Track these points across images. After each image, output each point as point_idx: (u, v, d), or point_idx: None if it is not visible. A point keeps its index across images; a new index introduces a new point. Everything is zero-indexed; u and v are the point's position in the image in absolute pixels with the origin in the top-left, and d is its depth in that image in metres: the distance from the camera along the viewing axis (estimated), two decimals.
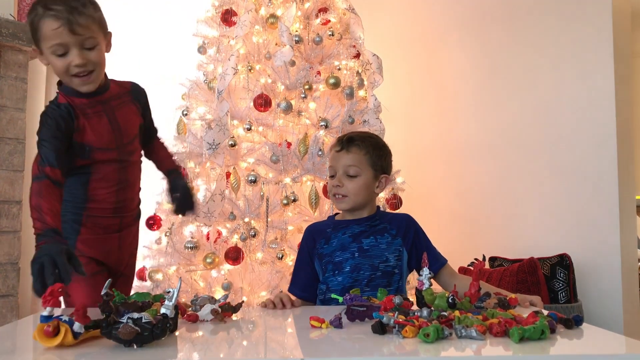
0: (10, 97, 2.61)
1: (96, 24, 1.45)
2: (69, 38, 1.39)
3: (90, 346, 1.00)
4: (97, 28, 1.45)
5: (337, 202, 1.68)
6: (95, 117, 1.52)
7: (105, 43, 1.52)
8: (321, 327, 1.14)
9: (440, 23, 3.48)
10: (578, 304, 2.59)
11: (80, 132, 1.49)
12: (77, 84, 1.47)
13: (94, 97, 1.53)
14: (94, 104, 1.53)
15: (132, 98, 1.65)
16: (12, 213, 2.60)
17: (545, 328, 1.04)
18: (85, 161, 1.52)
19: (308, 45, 2.69)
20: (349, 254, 1.64)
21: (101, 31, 1.48)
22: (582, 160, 2.80)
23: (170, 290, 1.06)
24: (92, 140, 1.51)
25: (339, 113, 2.58)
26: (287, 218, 2.47)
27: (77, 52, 1.42)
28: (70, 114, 1.48)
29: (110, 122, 1.55)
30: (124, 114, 1.59)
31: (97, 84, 1.51)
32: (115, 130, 1.56)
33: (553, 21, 2.94)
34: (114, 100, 1.58)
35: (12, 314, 2.55)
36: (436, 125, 3.46)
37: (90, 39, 1.43)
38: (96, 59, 1.46)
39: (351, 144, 1.67)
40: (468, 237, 3.22)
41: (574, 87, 2.85)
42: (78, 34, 1.40)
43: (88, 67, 1.45)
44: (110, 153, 1.55)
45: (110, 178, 1.56)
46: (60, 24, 1.37)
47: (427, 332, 1.01)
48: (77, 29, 1.39)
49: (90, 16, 1.42)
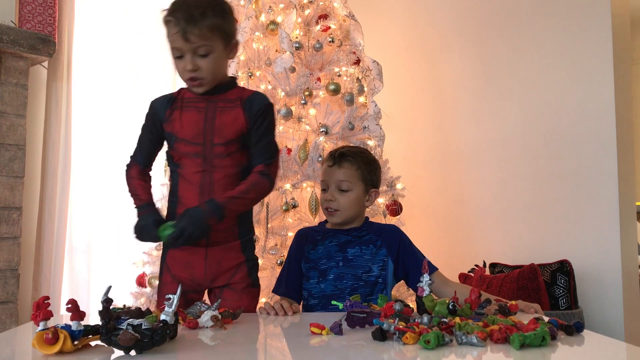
0: (10, 104, 2.62)
1: (214, 32, 1.49)
2: (183, 44, 1.47)
3: (90, 353, 0.99)
4: (215, 36, 1.49)
5: (329, 215, 1.73)
6: (193, 111, 1.57)
7: (226, 50, 1.55)
8: (321, 334, 1.14)
9: (440, 30, 3.49)
10: (579, 310, 2.59)
11: (171, 122, 1.57)
12: (190, 86, 1.57)
13: (205, 94, 1.57)
14: (200, 100, 1.57)
15: (242, 104, 1.57)
16: (12, 219, 2.60)
17: (546, 334, 1.04)
18: (172, 152, 1.60)
19: (308, 52, 2.69)
20: (334, 263, 1.69)
21: (221, 39, 1.51)
22: (582, 166, 2.80)
23: (170, 297, 1.06)
24: (177, 130, 1.56)
25: (339, 119, 2.58)
26: (287, 224, 2.47)
27: (189, 58, 1.49)
28: (166, 104, 1.59)
29: (206, 119, 1.55)
30: (225, 116, 1.56)
31: (210, 86, 1.56)
32: (208, 128, 1.55)
33: (552, 28, 2.95)
34: (223, 102, 1.58)
35: (11, 320, 2.54)
36: (436, 131, 3.46)
37: (203, 46, 1.48)
38: (208, 66, 1.50)
39: (343, 159, 1.71)
40: (468, 243, 3.22)
41: (574, 94, 2.86)
42: (191, 42, 1.46)
43: (198, 74, 1.50)
44: (195, 147, 1.54)
45: (194, 179, 1.55)
46: (176, 30, 1.46)
47: (427, 339, 1.01)
48: (190, 38, 1.45)
49: (206, 25, 1.46)
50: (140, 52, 3.21)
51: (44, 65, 2.85)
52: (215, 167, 1.54)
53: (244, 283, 1.60)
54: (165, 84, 3.27)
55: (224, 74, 1.60)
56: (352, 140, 2.60)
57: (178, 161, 1.58)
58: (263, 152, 1.58)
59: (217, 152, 1.54)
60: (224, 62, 1.58)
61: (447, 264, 2.86)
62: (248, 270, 1.62)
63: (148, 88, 3.21)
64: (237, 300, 1.55)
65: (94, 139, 3.05)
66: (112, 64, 3.13)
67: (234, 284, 1.59)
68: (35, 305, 1.01)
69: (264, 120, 1.58)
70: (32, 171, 2.79)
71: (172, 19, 1.46)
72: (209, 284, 1.59)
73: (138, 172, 1.63)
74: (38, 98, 2.87)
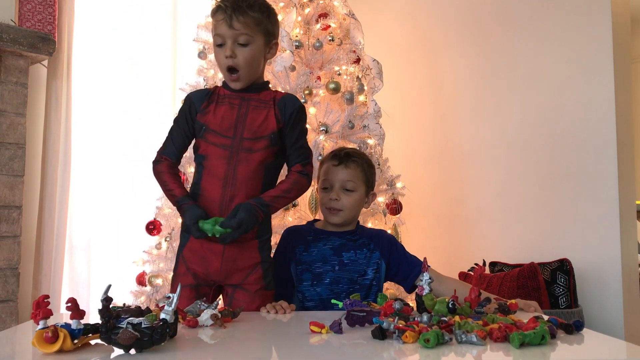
0: (10, 102, 2.61)
1: (258, 26, 1.56)
2: (226, 30, 1.54)
3: (89, 352, 0.99)
4: (257, 30, 1.56)
5: (330, 215, 1.72)
6: (227, 106, 1.61)
7: (265, 48, 1.61)
8: (321, 333, 1.14)
9: (440, 28, 3.49)
10: (578, 309, 2.59)
11: (204, 114, 1.60)
12: (228, 79, 1.61)
13: (240, 92, 1.62)
14: (235, 97, 1.62)
15: (275, 104, 1.63)
16: (12, 218, 2.60)
17: (546, 333, 1.04)
18: (200, 142, 1.61)
19: (308, 51, 2.69)
20: (330, 267, 1.69)
21: (262, 35, 1.58)
22: (582, 165, 2.80)
23: (170, 296, 1.06)
24: (209, 121, 1.59)
25: (339, 118, 2.58)
26: (288, 223, 2.46)
27: (230, 44, 1.55)
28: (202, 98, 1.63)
29: (239, 115, 1.60)
30: (257, 114, 1.61)
31: (246, 82, 1.61)
32: (240, 122, 1.59)
33: (553, 27, 2.95)
34: (256, 102, 1.63)
35: (11, 319, 2.55)
36: (436, 130, 3.46)
37: (244, 35, 1.54)
38: (245, 55, 1.56)
39: (349, 159, 1.73)
40: (468, 242, 3.22)
41: (574, 92, 2.86)
42: (234, 28, 1.53)
43: (235, 62, 1.56)
44: (225, 139, 1.57)
45: (217, 170, 1.57)
46: (223, 16, 1.54)
47: (427, 338, 1.01)
48: (234, 24, 1.53)
49: (252, 16, 1.54)
50: (140, 51, 3.21)
51: (43, 64, 2.85)
52: (241, 161, 1.57)
53: (257, 285, 1.60)
54: (165, 83, 3.27)
55: (260, 74, 1.66)
56: (352, 139, 2.60)
57: (204, 152, 1.60)
58: (301, 153, 1.65)
59: (245, 146, 1.58)
60: (262, 59, 1.63)
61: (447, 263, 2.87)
62: (263, 273, 1.61)
63: (148, 87, 3.21)
64: (249, 302, 1.56)
65: (94, 138, 3.05)
66: (112, 63, 3.12)
67: (248, 284, 1.59)
68: (35, 304, 1.01)
69: (298, 121, 1.64)
70: (32, 170, 2.79)
71: (221, 6, 1.55)
72: (223, 280, 1.59)
73: (168, 166, 1.63)
74: (38, 97, 2.87)
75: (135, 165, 3.07)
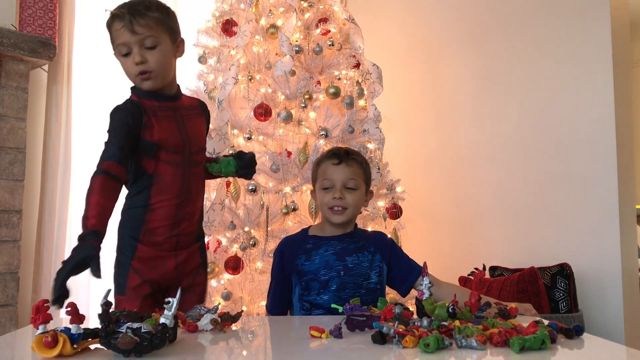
0: (11, 107, 2.62)
1: (160, 25, 1.50)
2: (129, 37, 1.48)
3: (89, 356, 0.99)
4: (161, 30, 1.51)
5: (334, 214, 1.70)
6: (165, 120, 1.54)
7: (173, 47, 1.56)
8: (321, 337, 1.14)
9: (439, 33, 3.50)
10: (579, 313, 2.58)
11: (149, 130, 1.50)
12: (139, 82, 1.53)
13: (165, 101, 1.56)
14: (165, 109, 1.55)
15: (201, 111, 1.67)
16: (12, 222, 2.60)
17: (546, 338, 1.04)
18: (151, 162, 1.51)
19: (308, 55, 2.70)
20: (335, 273, 1.68)
21: (167, 34, 1.53)
22: (582, 169, 2.80)
23: (170, 300, 1.06)
24: (159, 138, 1.51)
25: (339, 122, 2.58)
26: (287, 227, 2.46)
27: (137, 50, 1.49)
28: (140, 110, 1.50)
29: (179, 128, 1.56)
30: (193, 124, 1.60)
31: (159, 83, 1.54)
32: (184, 136, 1.56)
33: (552, 31, 2.96)
34: (185, 110, 1.60)
35: (11, 323, 2.54)
36: (436, 134, 3.46)
37: (150, 37, 1.49)
38: (155, 58, 1.50)
39: (349, 157, 1.72)
40: (468, 246, 3.22)
41: (574, 97, 2.86)
42: (137, 33, 1.47)
43: (147, 66, 1.49)
44: (176, 156, 1.54)
45: (171, 188, 1.53)
46: (122, 24, 1.48)
47: (427, 342, 1.01)
48: (136, 29, 1.47)
49: (152, 17, 1.48)
50: None
51: (44, 68, 2.85)
52: (193, 175, 1.58)
53: (201, 286, 1.66)
54: None
55: (173, 75, 1.60)
56: (352, 144, 2.60)
57: (155, 172, 1.52)
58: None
59: (195, 159, 1.59)
60: (172, 59, 1.57)
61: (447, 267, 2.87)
62: (205, 275, 1.68)
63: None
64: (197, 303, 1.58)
65: (94, 142, 3.04)
66: (112, 68, 3.11)
67: (194, 287, 1.63)
68: (35, 309, 1.01)
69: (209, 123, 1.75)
70: (32, 174, 2.79)
71: (117, 14, 1.49)
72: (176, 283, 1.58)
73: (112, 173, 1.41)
74: (38, 101, 2.87)
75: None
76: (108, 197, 1.36)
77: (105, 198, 1.35)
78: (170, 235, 1.54)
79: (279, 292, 1.73)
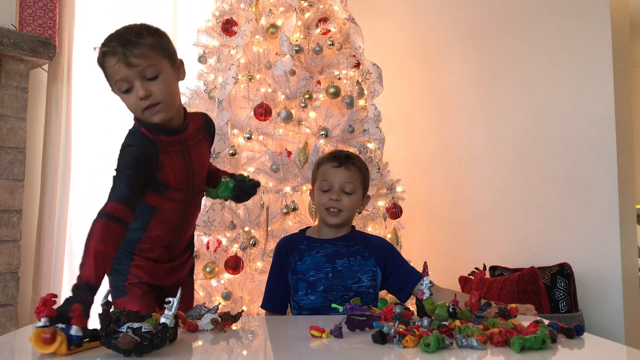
0: (11, 107, 2.62)
1: (157, 51, 1.38)
2: (127, 71, 1.34)
3: (89, 356, 0.99)
4: (158, 56, 1.38)
5: (330, 216, 1.72)
6: (174, 156, 1.46)
7: (174, 72, 1.43)
8: (321, 337, 1.14)
9: (440, 32, 3.50)
10: (579, 313, 2.58)
11: (161, 169, 1.43)
12: (148, 116, 1.39)
13: (174, 135, 1.46)
14: (173, 143, 1.46)
15: (206, 132, 1.59)
16: (12, 222, 2.60)
17: (546, 338, 1.04)
18: (156, 198, 1.46)
19: (308, 55, 2.70)
20: (323, 274, 1.69)
21: (165, 59, 1.40)
22: (582, 169, 2.80)
23: (170, 300, 1.06)
24: (169, 178, 1.45)
25: (339, 122, 2.58)
26: (287, 227, 2.46)
27: (139, 84, 1.36)
28: (156, 149, 1.41)
29: (185, 163, 1.49)
30: (198, 154, 1.54)
31: (168, 114, 1.42)
32: (189, 171, 1.50)
33: (552, 31, 2.96)
34: (191, 140, 1.52)
35: (11, 323, 2.54)
36: (436, 134, 3.46)
37: (150, 67, 1.35)
38: (160, 88, 1.37)
39: (349, 161, 1.74)
40: (468, 246, 3.22)
41: (574, 97, 2.86)
42: (135, 65, 1.33)
43: (152, 99, 1.37)
44: (180, 193, 1.50)
45: (170, 220, 1.52)
46: (117, 58, 1.34)
47: (427, 342, 1.01)
48: (132, 61, 1.33)
49: (146, 45, 1.35)
50: None
51: (44, 68, 2.85)
52: (192, 206, 1.58)
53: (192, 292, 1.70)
54: None
55: (179, 100, 1.49)
56: (352, 143, 2.60)
57: (156, 205, 1.48)
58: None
59: (197, 192, 1.57)
60: (176, 84, 1.45)
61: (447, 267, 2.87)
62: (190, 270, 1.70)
63: None
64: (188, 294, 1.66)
65: (94, 142, 3.05)
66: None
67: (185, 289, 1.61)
68: (42, 301, 1.01)
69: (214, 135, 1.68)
70: (32, 174, 2.79)
71: (108, 49, 1.35)
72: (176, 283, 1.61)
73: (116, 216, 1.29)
74: (38, 101, 2.87)
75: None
76: (108, 244, 1.23)
77: (105, 245, 1.22)
78: (164, 252, 1.57)
79: (274, 289, 1.74)
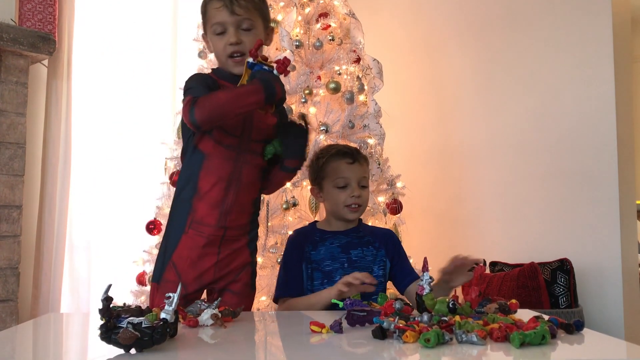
0: (10, 102, 2.61)
1: (258, 10, 1.53)
2: (227, 17, 1.49)
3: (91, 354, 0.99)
4: (257, 14, 1.53)
5: (351, 212, 1.73)
6: None
7: (264, 34, 1.57)
8: (321, 332, 1.14)
9: (440, 28, 3.49)
10: (579, 308, 2.59)
11: None
12: (231, 66, 1.53)
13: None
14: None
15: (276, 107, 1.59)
16: (13, 218, 2.60)
17: (546, 333, 1.04)
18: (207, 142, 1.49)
19: (308, 50, 2.69)
20: (339, 264, 1.71)
21: (261, 20, 1.55)
22: (582, 165, 2.80)
23: (170, 295, 1.06)
24: None
25: (339, 118, 2.58)
26: (287, 222, 2.46)
27: (233, 31, 1.50)
28: (215, 84, 1.51)
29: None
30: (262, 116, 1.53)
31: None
32: (247, 120, 1.51)
33: (553, 26, 2.95)
34: None
35: (11, 318, 2.55)
36: (436, 129, 3.46)
37: (247, 20, 1.50)
38: (250, 40, 1.51)
39: (360, 156, 1.77)
40: (468, 241, 3.22)
41: (574, 92, 2.86)
42: (236, 14, 1.49)
43: (241, 47, 1.50)
44: (232, 139, 1.49)
45: (220, 173, 1.49)
46: (222, 4, 1.49)
47: (427, 337, 1.01)
48: (235, 9, 1.48)
49: (252, 1, 1.51)
50: (140, 51, 3.21)
51: (44, 63, 2.85)
52: (247, 163, 1.53)
53: (246, 287, 1.59)
54: (165, 83, 3.27)
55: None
56: (352, 139, 2.60)
57: (205, 150, 1.50)
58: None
59: (252, 148, 1.54)
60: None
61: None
62: (251, 274, 1.61)
63: (147, 86, 3.21)
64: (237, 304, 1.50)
65: (94, 137, 3.05)
66: (112, 63, 3.12)
67: (235, 286, 1.56)
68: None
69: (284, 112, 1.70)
70: (32, 169, 2.79)
71: None
72: (213, 284, 1.55)
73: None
74: (38, 96, 2.87)
75: (135, 165, 3.07)
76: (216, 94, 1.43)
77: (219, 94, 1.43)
78: (217, 226, 1.50)
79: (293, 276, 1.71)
